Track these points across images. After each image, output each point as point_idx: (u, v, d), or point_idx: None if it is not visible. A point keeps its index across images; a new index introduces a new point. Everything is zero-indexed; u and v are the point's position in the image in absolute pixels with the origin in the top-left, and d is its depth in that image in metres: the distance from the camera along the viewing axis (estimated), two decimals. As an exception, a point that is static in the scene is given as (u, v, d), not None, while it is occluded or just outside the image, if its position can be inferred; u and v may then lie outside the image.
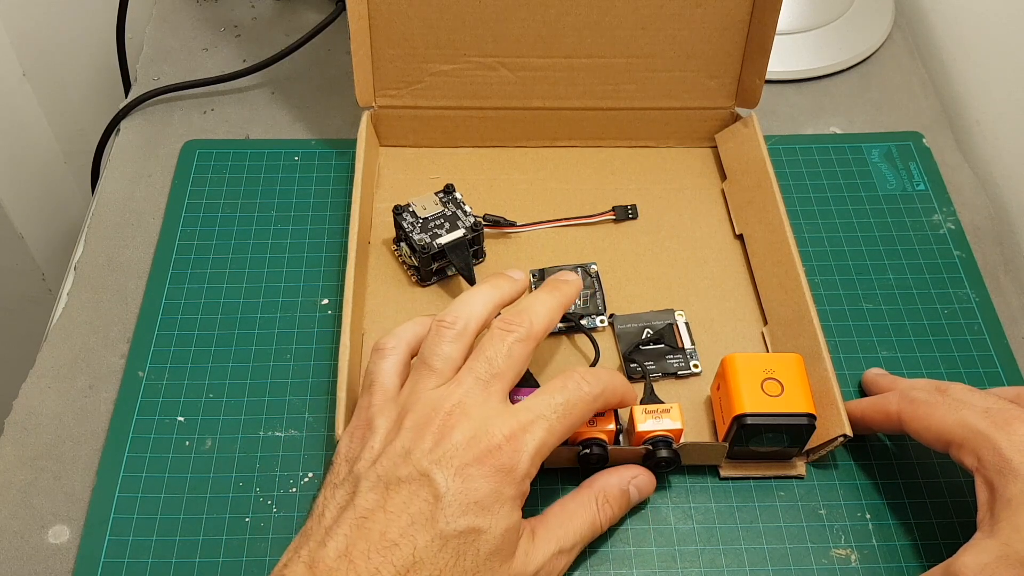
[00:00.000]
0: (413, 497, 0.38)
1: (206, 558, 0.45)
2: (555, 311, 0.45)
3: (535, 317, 0.44)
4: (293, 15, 0.72)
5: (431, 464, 0.38)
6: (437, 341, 0.43)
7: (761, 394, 0.45)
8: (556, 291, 0.46)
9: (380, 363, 0.44)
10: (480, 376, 0.41)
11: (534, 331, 0.43)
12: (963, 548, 0.39)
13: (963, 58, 0.69)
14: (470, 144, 0.62)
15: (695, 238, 0.58)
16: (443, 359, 0.42)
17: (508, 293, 0.47)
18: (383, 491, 0.38)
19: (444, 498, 0.37)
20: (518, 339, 0.42)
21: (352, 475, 0.40)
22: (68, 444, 0.49)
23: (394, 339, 0.45)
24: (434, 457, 0.38)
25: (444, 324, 0.43)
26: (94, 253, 0.57)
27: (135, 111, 0.65)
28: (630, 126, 0.62)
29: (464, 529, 0.37)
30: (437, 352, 0.42)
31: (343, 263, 0.54)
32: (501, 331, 0.43)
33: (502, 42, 0.58)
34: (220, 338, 0.53)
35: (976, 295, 0.55)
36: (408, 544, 0.37)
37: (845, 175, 0.61)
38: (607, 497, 0.45)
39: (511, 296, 0.47)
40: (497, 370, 0.42)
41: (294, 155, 0.62)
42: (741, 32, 0.57)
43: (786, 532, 0.46)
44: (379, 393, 0.43)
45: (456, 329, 0.43)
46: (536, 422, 0.40)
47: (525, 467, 0.39)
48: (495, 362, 0.42)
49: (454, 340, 0.43)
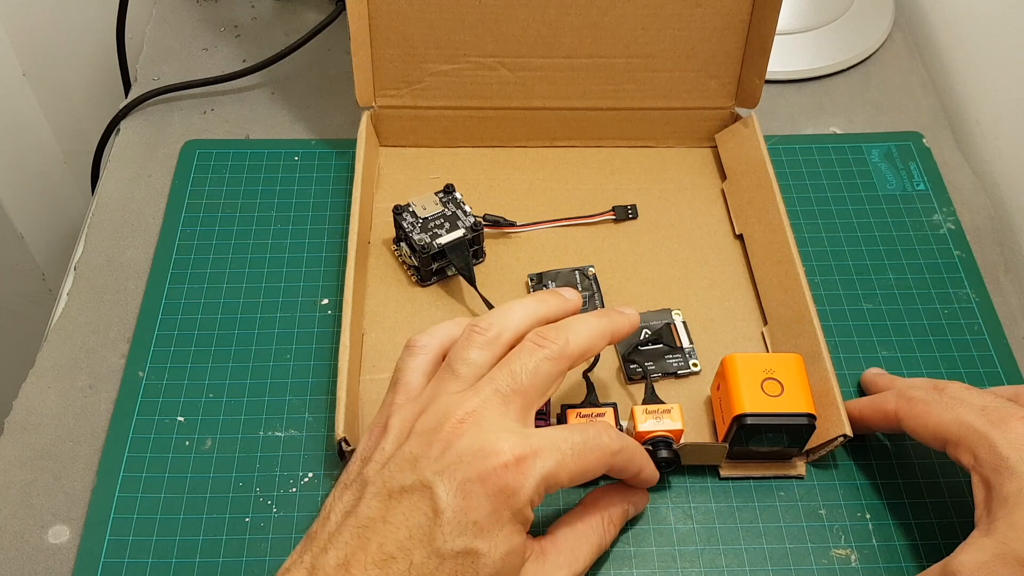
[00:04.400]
0: (413, 510, 0.37)
1: (206, 558, 0.45)
2: (599, 337, 0.43)
3: (573, 337, 0.41)
4: (293, 15, 0.72)
5: (435, 475, 0.37)
6: (466, 346, 0.41)
7: (761, 394, 0.45)
8: (606, 317, 0.43)
9: (408, 361, 0.42)
10: (500, 388, 0.39)
11: (568, 351, 0.41)
12: (960, 547, 0.39)
13: (963, 58, 0.69)
14: (470, 144, 0.62)
15: (695, 238, 0.58)
16: (469, 365, 0.40)
17: (553, 309, 0.44)
18: (386, 500, 0.37)
19: (443, 514, 0.36)
20: (548, 356, 0.40)
21: (361, 478, 0.39)
22: (68, 444, 0.49)
23: (427, 337, 0.43)
24: (439, 467, 0.37)
25: (477, 329, 0.41)
26: (94, 253, 0.57)
27: (135, 111, 0.65)
28: (630, 126, 0.62)
29: (461, 550, 0.36)
30: (464, 357, 0.41)
31: (343, 263, 0.54)
32: (532, 345, 0.41)
33: (502, 42, 0.58)
34: (220, 338, 0.53)
35: (976, 295, 0.55)
36: (405, 559, 0.36)
37: (845, 175, 0.61)
38: (611, 518, 0.44)
39: (556, 314, 0.44)
40: (519, 385, 0.39)
41: (294, 155, 0.62)
42: (741, 32, 0.57)
43: (786, 532, 0.46)
44: (402, 392, 0.41)
45: (488, 336, 0.41)
46: (549, 451, 0.38)
47: (528, 493, 0.37)
48: (519, 377, 0.39)
49: (484, 347, 0.41)
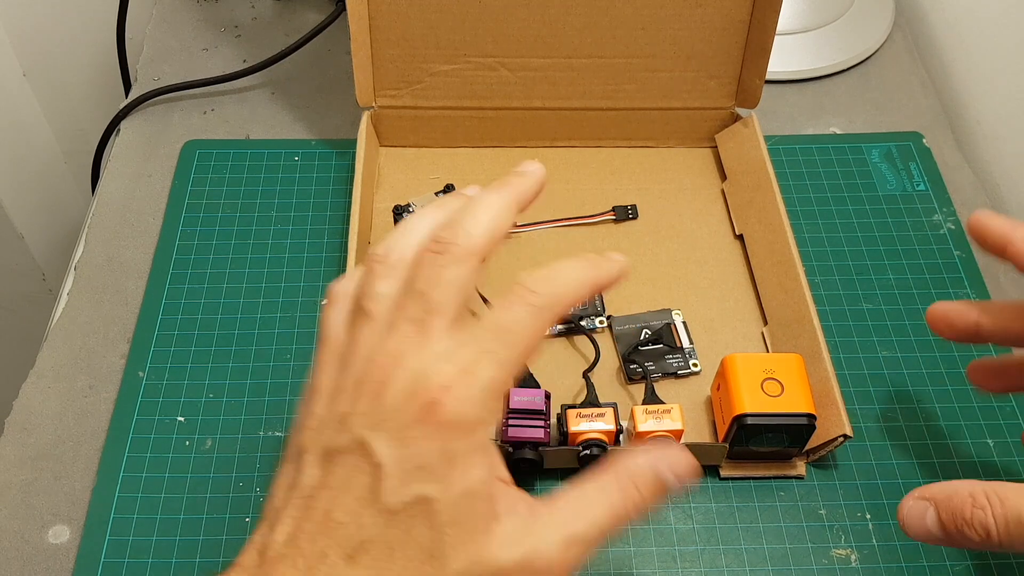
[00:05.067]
0: (354, 471, 0.33)
1: (206, 558, 0.45)
2: (502, 212, 0.36)
3: (472, 227, 0.35)
4: (293, 15, 0.72)
5: (367, 430, 0.33)
6: (369, 280, 0.36)
7: (761, 394, 0.45)
8: (504, 187, 0.37)
9: (329, 312, 0.37)
10: (413, 316, 0.34)
11: (472, 244, 0.35)
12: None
13: (963, 58, 0.69)
14: (470, 144, 0.62)
15: (695, 238, 0.58)
16: (377, 299, 0.35)
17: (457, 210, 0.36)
18: (324, 465, 0.34)
19: (384, 467, 0.32)
20: (452, 260, 0.34)
21: (297, 447, 0.35)
22: (68, 444, 0.49)
23: (345, 281, 0.37)
24: (370, 421, 0.33)
25: (376, 258, 0.36)
26: (94, 253, 0.57)
27: (135, 111, 0.65)
28: (630, 126, 0.62)
29: (410, 500, 0.32)
30: (370, 293, 0.35)
31: (343, 263, 0.54)
32: (430, 254, 0.35)
33: (502, 42, 0.58)
34: (220, 338, 0.53)
35: (976, 295, 0.55)
36: (353, 523, 0.32)
37: (845, 175, 0.61)
38: (635, 481, 0.36)
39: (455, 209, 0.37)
40: (432, 305, 0.34)
41: (294, 155, 0.62)
42: (741, 32, 0.57)
43: (786, 532, 0.46)
44: (326, 347, 0.36)
45: (390, 261, 0.36)
46: (480, 359, 0.33)
47: (475, 414, 0.32)
48: (429, 296, 0.34)
49: (387, 275, 0.35)
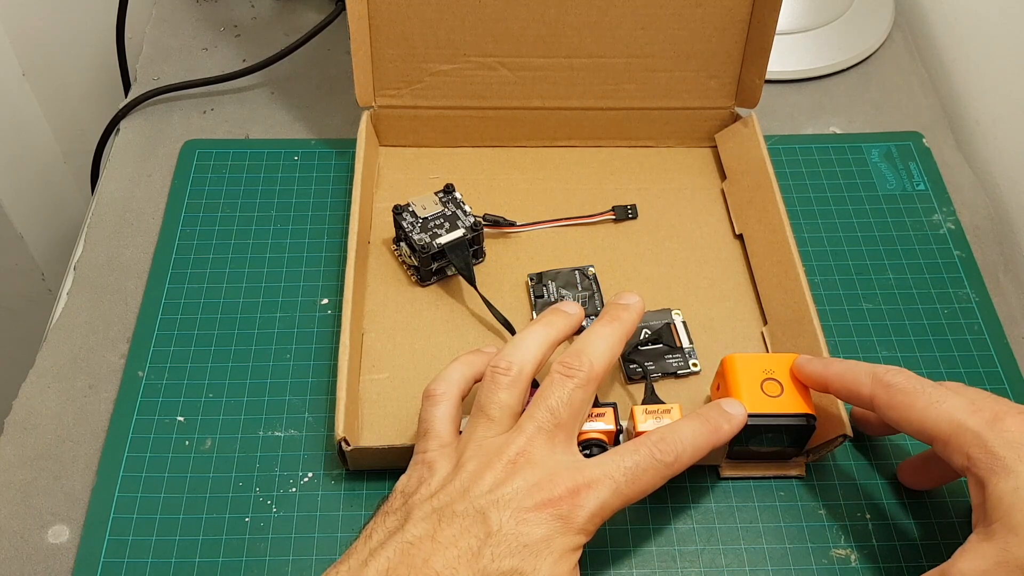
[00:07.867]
0: (464, 532, 0.37)
1: (206, 558, 0.45)
2: (616, 345, 0.44)
3: (595, 358, 0.42)
4: (293, 15, 0.72)
5: (489, 504, 0.38)
6: (493, 389, 0.42)
7: (761, 394, 0.45)
8: (615, 321, 0.44)
9: (432, 410, 0.43)
10: (543, 425, 0.40)
11: (594, 373, 0.42)
12: (959, 552, 0.38)
13: (963, 58, 0.69)
14: (470, 144, 0.62)
15: (695, 238, 0.58)
16: (500, 407, 0.41)
17: (562, 329, 0.45)
18: (435, 522, 0.38)
19: (494, 536, 0.37)
20: (578, 385, 0.41)
21: (406, 506, 0.39)
22: (68, 444, 0.49)
23: (443, 384, 0.44)
24: (493, 498, 0.38)
25: (499, 371, 0.42)
26: (94, 253, 0.57)
27: (135, 111, 0.65)
28: (630, 126, 0.62)
29: (507, 568, 0.36)
30: (494, 400, 0.42)
31: (343, 263, 0.54)
32: (561, 376, 0.42)
33: (502, 42, 0.58)
34: (220, 338, 0.53)
35: (976, 295, 0.55)
36: (449, 573, 0.36)
37: (845, 175, 0.61)
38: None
39: (566, 332, 0.46)
40: (560, 420, 0.41)
41: (294, 155, 0.62)
42: (741, 32, 0.57)
43: (786, 532, 0.46)
44: (433, 440, 0.42)
45: (511, 376, 0.42)
46: (603, 481, 0.39)
47: (582, 523, 0.38)
48: (558, 412, 0.41)
49: (510, 387, 0.42)
